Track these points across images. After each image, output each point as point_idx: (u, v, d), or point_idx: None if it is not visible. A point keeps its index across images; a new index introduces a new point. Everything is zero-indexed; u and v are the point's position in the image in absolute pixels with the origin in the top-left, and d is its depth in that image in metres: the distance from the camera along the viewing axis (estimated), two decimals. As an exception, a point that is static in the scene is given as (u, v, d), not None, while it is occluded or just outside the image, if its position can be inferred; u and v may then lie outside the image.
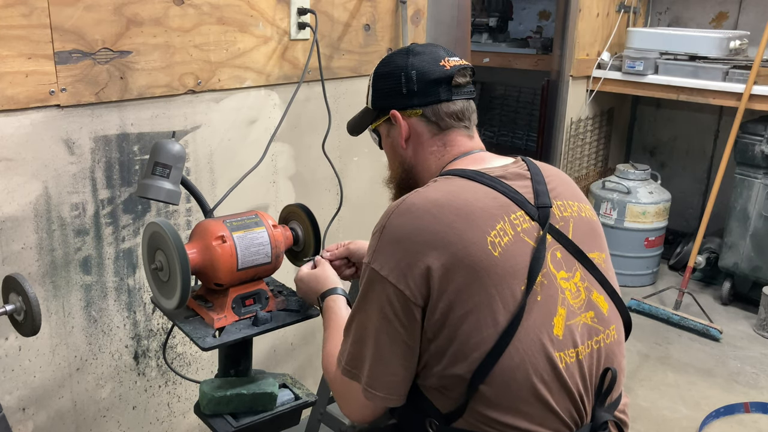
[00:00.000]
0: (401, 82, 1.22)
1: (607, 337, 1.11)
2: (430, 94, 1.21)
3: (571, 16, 3.39)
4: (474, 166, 1.18)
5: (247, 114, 1.94)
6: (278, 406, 1.43)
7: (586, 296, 1.11)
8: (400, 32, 2.28)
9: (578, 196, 1.21)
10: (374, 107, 1.29)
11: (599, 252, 1.17)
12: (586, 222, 1.17)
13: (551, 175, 1.19)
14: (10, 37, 1.42)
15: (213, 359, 2.03)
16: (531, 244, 1.07)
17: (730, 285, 3.47)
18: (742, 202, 3.31)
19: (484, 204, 1.07)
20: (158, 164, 1.36)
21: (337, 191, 2.21)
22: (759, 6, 3.71)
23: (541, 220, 1.10)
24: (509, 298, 1.02)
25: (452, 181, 1.13)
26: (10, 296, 1.30)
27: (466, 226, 1.04)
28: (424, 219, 1.05)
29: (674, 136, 4.16)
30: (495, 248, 1.03)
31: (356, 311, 1.11)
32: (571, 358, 1.05)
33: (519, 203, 1.10)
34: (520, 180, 1.15)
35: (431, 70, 1.21)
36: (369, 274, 1.07)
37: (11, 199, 1.51)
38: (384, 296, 1.04)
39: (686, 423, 2.52)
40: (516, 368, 1.01)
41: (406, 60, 1.23)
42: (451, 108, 1.22)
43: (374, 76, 1.28)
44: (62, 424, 1.72)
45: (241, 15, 1.82)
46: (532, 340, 1.02)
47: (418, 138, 1.24)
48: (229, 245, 1.34)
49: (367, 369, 1.08)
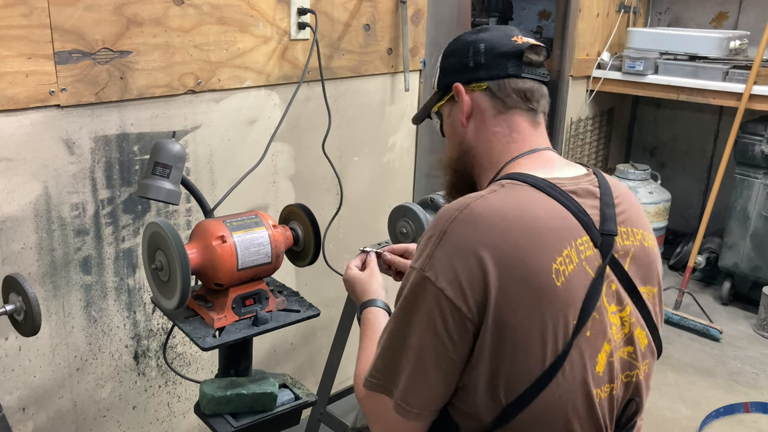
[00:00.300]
0: (468, 55, 1.14)
1: (640, 372, 1.08)
2: (497, 66, 1.13)
3: (571, 16, 3.39)
4: (543, 170, 1.09)
5: (247, 114, 1.94)
6: (278, 406, 1.43)
7: (629, 331, 1.05)
8: (400, 32, 2.28)
9: (644, 223, 1.14)
10: (439, 87, 1.21)
11: (651, 286, 1.11)
12: (646, 253, 1.10)
13: (620, 196, 1.11)
14: (10, 37, 1.42)
15: (213, 359, 2.03)
16: (591, 275, 1.00)
17: (730, 285, 3.47)
18: (742, 202, 3.31)
19: (555, 224, 1.00)
20: (158, 164, 1.36)
21: (337, 191, 2.21)
22: (759, 6, 3.71)
23: (603, 249, 1.02)
24: (561, 332, 0.96)
25: (521, 190, 1.03)
26: (10, 296, 1.30)
27: (533, 249, 0.96)
28: (489, 232, 0.96)
29: (674, 136, 4.16)
30: (558, 277, 0.96)
31: (395, 319, 1.02)
32: (605, 393, 1.02)
33: (586, 227, 1.02)
34: (590, 199, 1.06)
35: (501, 44, 1.13)
36: (419, 280, 0.98)
37: (11, 199, 1.51)
38: (436, 308, 0.96)
39: (686, 423, 2.52)
40: (555, 402, 0.97)
41: (477, 35, 1.16)
42: (519, 84, 1.13)
43: (443, 55, 1.21)
44: (62, 424, 1.72)
45: (241, 15, 1.82)
46: (576, 377, 0.97)
47: (481, 115, 1.15)
48: (229, 245, 1.34)
49: (402, 382, 1.00)
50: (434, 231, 1.00)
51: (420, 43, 2.39)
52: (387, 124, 2.37)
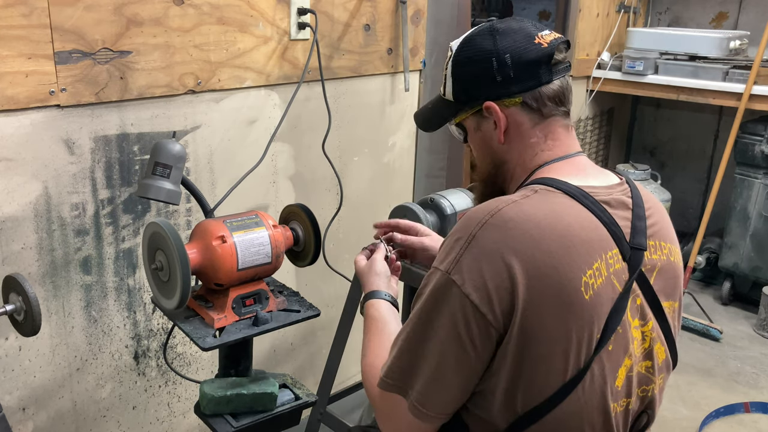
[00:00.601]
0: (493, 67, 1.05)
1: (655, 387, 1.07)
2: (529, 78, 1.05)
3: (571, 16, 3.39)
4: (575, 176, 1.05)
5: (247, 114, 1.93)
6: (278, 406, 1.43)
7: (649, 345, 1.04)
8: (400, 32, 2.28)
9: (672, 237, 1.12)
10: (457, 99, 1.13)
11: (673, 301, 1.09)
12: (671, 268, 1.09)
13: (652, 208, 1.09)
14: (10, 37, 1.42)
15: (213, 359, 2.03)
16: (618, 290, 0.98)
17: (730, 285, 3.47)
18: (742, 202, 3.31)
19: (587, 236, 0.96)
20: (159, 164, 1.36)
21: (337, 191, 2.21)
22: (759, 6, 3.71)
23: (632, 264, 1.00)
24: (584, 346, 0.94)
25: (555, 197, 1.00)
26: (10, 296, 1.30)
27: (565, 260, 0.93)
28: (521, 240, 0.93)
29: (674, 136, 4.16)
30: (588, 290, 0.94)
31: (416, 320, 0.99)
32: (622, 407, 1.01)
33: (616, 239, 0.99)
34: (622, 210, 1.03)
35: (527, 50, 1.04)
36: (445, 284, 0.95)
37: (11, 199, 1.51)
38: (460, 314, 0.93)
39: (686, 423, 2.52)
40: (572, 416, 0.95)
41: (493, 41, 1.06)
42: (552, 90, 1.07)
43: (454, 63, 1.11)
44: (62, 424, 1.72)
45: (241, 15, 1.82)
46: (595, 391, 0.96)
47: (518, 129, 1.08)
48: (230, 245, 1.34)
49: (420, 384, 0.98)
50: (463, 233, 0.97)
51: (420, 43, 2.39)
52: (387, 124, 2.37)
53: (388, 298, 1.23)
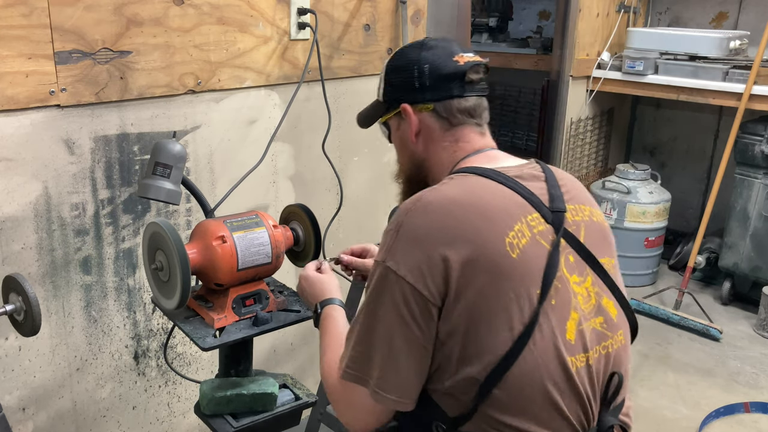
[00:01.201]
0: (414, 75, 1.19)
1: (615, 343, 1.11)
2: (442, 89, 1.19)
3: (571, 16, 3.39)
4: (488, 164, 1.16)
5: (247, 114, 1.93)
6: (278, 406, 1.43)
7: (596, 301, 1.10)
8: (400, 32, 2.28)
9: (590, 201, 1.20)
10: (385, 100, 1.26)
11: (609, 257, 1.16)
12: (597, 227, 1.16)
13: (564, 179, 1.18)
14: (10, 37, 1.42)
15: (213, 359, 2.03)
16: (546, 248, 1.05)
17: (730, 285, 3.47)
18: (742, 202, 3.31)
19: (503, 203, 1.06)
20: (159, 164, 1.36)
21: (337, 191, 2.21)
22: (759, 6, 3.71)
23: (555, 224, 1.08)
24: (525, 302, 1.00)
25: (469, 178, 1.11)
26: (10, 296, 1.30)
27: (485, 226, 1.02)
28: (442, 217, 1.03)
29: (674, 136, 4.16)
30: (513, 250, 1.01)
31: (365, 311, 1.07)
32: (582, 362, 1.04)
33: (535, 205, 1.08)
34: (536, 182, 1.13)
35: (444, 65, 1.18)
36: (382, 272, 1.04)
37: (11, 199, 1.51)
38: (400, 296, 1.01)
39: (686, 423, 2.52)
40: (530, 372, 1.00)
41: (419, 53, 1.20)
42: (463, 104, 1.20)
43: (387, 69, 1.25)
44: (62, 424, 1.72)
45: (241, 15, 1.82)
46: (547, 344, 1.01)
47: (429, 133, 1.21)
48: (230, 245, 1.34)
49: (377, 371, 1.04)
50: (392, 225, 1.07)
51: (420, 43, 2.39)
52: (387, 124, 2.37)
53: (341, 305, 1.32)
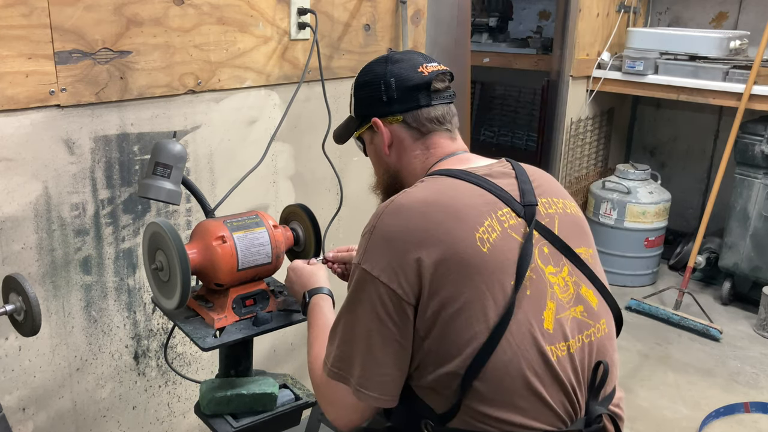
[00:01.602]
0: (381, 89, 1.24)
1: (597, 331, 1.12)
2: (409, 100, 1.23)
3: (571, 16, 3.39)
4: (459, 166, 1.19)
5: (247, 114, 1.93)
6: (278, 406, 1.43)
7: (574, 291, 1.11)
8: (400, 32, 2.28)
9: (562, 194, 1.23)
10: (356, 115, 1.31)
11: (586, 247, 1.18)
12: (571, 218, 1.19)
13: (535, 174, 1.21)
14: (10, 37, 1.42)
15: (213, 359, 2.03)
16: (518, 240, 1.08)
17: (730, 285, 3.47)
18: (742, 202, 3.31)
19: (472, 201, 1.09)
20: (159, 164, 1.36)
21: (337, 191, 2.21)
22: (759, 6, 3.71)
23: (527, 217, 1.11)
24: (499, 294, 1.03)
25: (439, 180, 1.14)
26: (10, 296, 1.30)
27: (455, 224, 1.05)
28: (413, 218, 1.06)
29: (674, 136, 4.16)
30: (484, 244, 1.04)
31: (344, 312, 1.10)
32: (562, 351, 1.06)
33: (505, 200, 1.11)
34: (506, 178, 1.16)
35: (409, 77, 1.22)
36: (359, 274, 1.08)
37: (11, 199, 1.51)
38: (376, 296, 1.05)
39: (686, 423, 2.52)
40: (509, 362, 1.02)
41: (385, 68, 1.25)
42: (431, 113, 1.23)
43: (355, 86, 1.30)
44: (62, 424, 1.72)
45: (241, 15, 1.82)
46: (524, 334, 1.03)
47: (401, 143, 1.25)
48: (230, 245, 1.34)
49: (358, 370, 1.07)
50: (367, 228, 1.10)
51: (420, 43, 2.39)
52: (387, 124, 2.37)
53: (330, 294, 1.35)
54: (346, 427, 1.14)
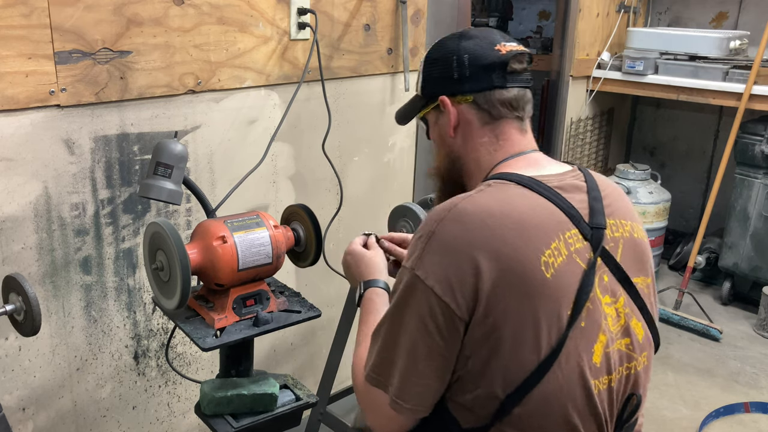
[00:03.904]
0: (452, 66, 1.14)
1: (638, 364, 1.08)
2: (482, 79, 1.13)
3: (571, 16, 3.39)
4: (529, 170, 1.11)
5: (247, 114, 1.93)
6: (279, 406, 1.42)
7: (625, 322, 1.06)
8: (400, 32, 2.28)
9: (632, 215, 1.16)
10: (423, 94, 1.22)
11: (644, 277, 1.12)
12: (636, 244, 1.12)
13: (607, 189, 1.13)
14: (10, 37, 1.42)
15: (213, 359, 2.03)
16: (582, 267, 1.01)
17: (730, 285, 3.47)
18: (742, 202, 3.31)
19: (541, 219, 1.02)
20: (160, 164, 1.36)
21: (337, 191, 2.21)
22: (759, 6, 3.71)
23: (593, 242, 1.04)
24: (554, 323, 0.97)
25: (507, 188, 1.06)
26: (10, 296, 1.29)
27: (521, 243, 0.98)
28: (477, 230, 0.98)
29: (674, 136, 4.16)
30: (548, 269, 0.98)
31: (390, 317, 1.04)
32: (604, 385, 1.02)
33: (574, 220, 1.04)
34: (577, 193, 1.08)
35: (484, 55, 1.13)
36: (410, 280, 1.00)
37: (11, 199, 1.50)
38: (426, 306, 0.98)
39: (686, 423, 2.52)
40: (553, 394, 0.97)
41: (458, 43, 1.15)
42: (504, 95, 1.14)
43: (425, 62, 1.21)
44: (62, 424, 1.72)
45: (241, 15, 1.82)
46: (572, 367, 0.98)
47: (468, 126, 1.16)
48: (230, 246, 1.33)
49: (396, 379, 1.02)
50: (424, 231, 1.02)
51: (420, 43, 2.39)
52: (387, 124, 2.37)
53: (385, 287, 1.27)
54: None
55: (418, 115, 1.27)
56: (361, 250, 1.34)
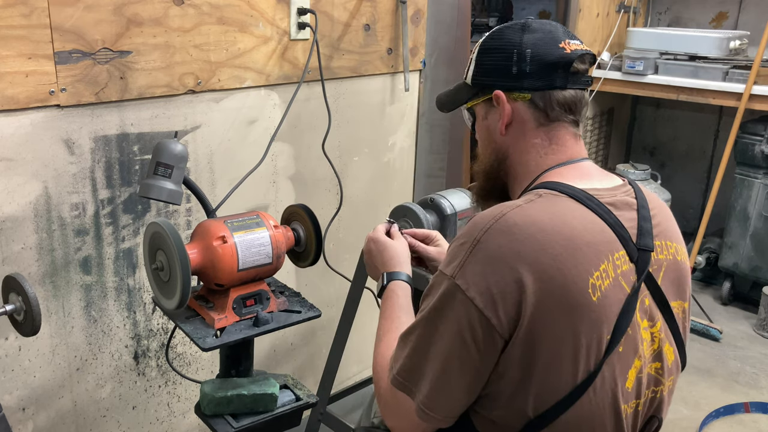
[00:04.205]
0: (512, 60, 1.08)
1: (665, 389, 1.07)
2: (544, 78, 1.07)
3: (571, 16, 3.39)
4: (580, 181, 1.05)
5: (247, 114, 1.93)
6: (279, 407, 1.42)
7: (658, 347, 1.04)
8: (400, 32, 2.28)
9: (677, 236, 1.13)
10: (474, 83, 1.15)
11: (681, 301, 1.10)
12: (678, 267, 1.09)
13: (656, 209, 1.10)
14: (10, 37, 1.42)
15: (213, 359, 2.03)
16: (626, 291, 0.98)
17: (730, 285, 3.47)
18: (742, 202, 3.31)
19: (593, 238, 0.97)
20: (160, 164, 1.36)
21: (337, 191, 2.21)
22: (759, 6, 3.71)
23: (639, 264, 1.00)
24: (594, 347, 0.94)
25: (559, 201, 1.00)
26: (10, 296, 1.29)
27: (570, 263, 0.93)
28: (526, 244, 0.93)
29: (674, 136, 4.16)
30: (595, 292, 0.94)
31: (424, 323, 1.00)
32: (632, 408, 1.01)
33: (623, 241, 0.99)
34: (628, 211, 1.04)
35: (549, 52, 1.06)
36: (449, 287, 0.96)
37: (11, 199, 1.50)
38: (465, 318, 0.94)
39: (686, 423, 2.52)
40: (583, 419, 0.95)
41: (521, 36, 1.09)
42: (563, 96, 1.08)
43: (480, 50, 1.14)
44: (62, 424, 1.72)
45: (241, 15, 1.82)
46: (606, 392, 0.96)
47: (522, 125, 1.10)
48: (230, 246, 1.33)
49: (426, 387, 0.98)
50: (467, 238, 0.97)
51: (420, 43, 2.39)
52: (387, 124, 2.37)
53: (408, 280, 1.23)
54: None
55: (465, 105, 1.20)
56: (385, 239, 1.30)
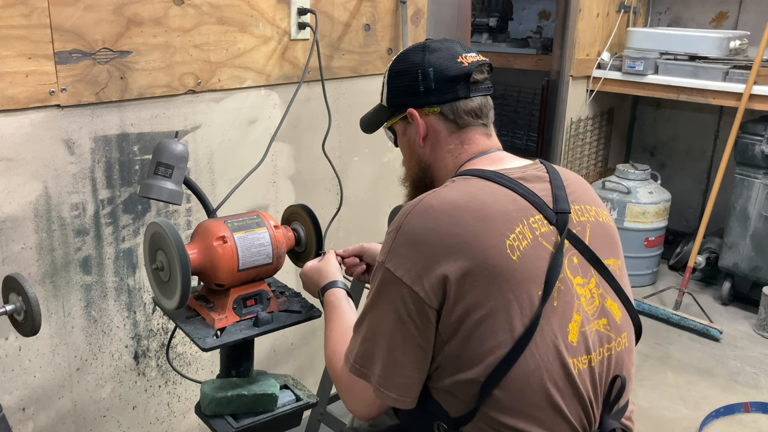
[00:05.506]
0: (418, 79, 1.19)
1: (618, 345, 1.11)
2: (447, 91, 1.19)
3: (571, 16, 3.39)
4: (492, 166, 1.16)
5: (247, 114, 1.93)
6: (279, 407, 1.42)
7: (600, 303, 1.09)
8: (400, 32, 2.28)
9: (596, 201, 1.20)
10: (390, 105, 1.26)
11: (615, 259, 1.16)
12: (603, 227, 1.16)
13: (569, 179, 1.18)
14: (10, 37, 1.42)
15: (213, 359, 2.03)
16: (549, 249, 1.05)
17: (730, 285, 3.47)
18: (742, 202, 3.31)
19: (504, 206, 1.06)
20: (161, 164, 1.36)
21: (337, 191, 2.21)
22: (759, 6, 3.71)
23: (559, 225, 1.08)
24: (526, 304, 1.01)
25: (470, 181, 1.11)
26: (10, 296, 1.29)
27: (484, 229, 1.02)
28: (441, 221, 1.03)
29: (674, 136, 4.16)
30: (514, 252, 1.02)
31: (368, 310, 1.09)
32: (584, 364, 1.05)
33: (538, 207, 1.08)
34: (539, 183, 1.13)
35: (449, 67, 1.18)
36: (383, 273, 1.06)
37: (11, 199, 1.50)
38: (398, 297, 1.03)
39: (686, 423, 2.52)
40: (531, 374, 1.00)
41: (423, 57, 1.20)
42: (469, 105, 1.20)
43: (389, 74, 1.25)
44: (62, 424, 1.72)
45: (241, 15, 1.82)
46: (548, 345, 1.01)
47: (436, 136, 1.21)
48: (230, 246, 1.33)
49: (378, 369, 1.06)
50: (393, 226, 1.08)
51: (420, 43, 2.39)
52: (387, 124, 2.37)
53: (344, 287, 1.32)
54: (363, 417, 1.15)
55: (385, 125, 1.31)
56: (311, 264, 1.40)
